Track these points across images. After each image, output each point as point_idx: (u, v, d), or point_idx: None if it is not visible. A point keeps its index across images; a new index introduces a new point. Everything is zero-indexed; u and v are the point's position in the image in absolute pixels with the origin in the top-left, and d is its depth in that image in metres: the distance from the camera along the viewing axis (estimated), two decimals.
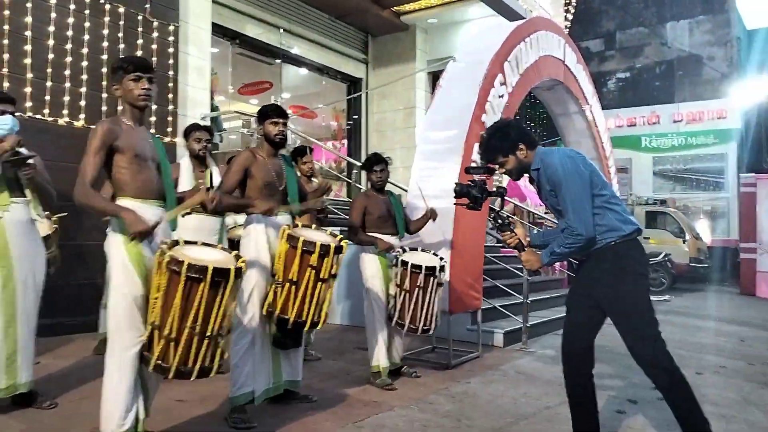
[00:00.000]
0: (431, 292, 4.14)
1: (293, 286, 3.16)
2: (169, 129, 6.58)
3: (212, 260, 2.44)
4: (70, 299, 5.34)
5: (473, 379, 4.51)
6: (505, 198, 3.13)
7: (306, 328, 3.29)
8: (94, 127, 2.65)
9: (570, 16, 11.59)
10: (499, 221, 2.84)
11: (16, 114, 3.38)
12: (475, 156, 5.11)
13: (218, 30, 8.47)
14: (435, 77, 11.49)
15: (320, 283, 3.19)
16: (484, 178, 2.99)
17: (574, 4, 11.87)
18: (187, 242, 2.59)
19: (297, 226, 3.38)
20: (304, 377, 3.76)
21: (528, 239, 2.93)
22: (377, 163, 4.33)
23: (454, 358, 4.96)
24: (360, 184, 10.23)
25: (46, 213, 4.38)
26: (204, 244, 2.70)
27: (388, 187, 4.60)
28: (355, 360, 4.99)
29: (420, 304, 4.11)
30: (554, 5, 10.99)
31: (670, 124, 17.77)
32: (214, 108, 8.23)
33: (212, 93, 8.25)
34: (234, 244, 5.23)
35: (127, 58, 2.78)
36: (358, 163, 10.56)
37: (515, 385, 4.42)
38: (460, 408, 3.75)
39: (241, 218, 5.11)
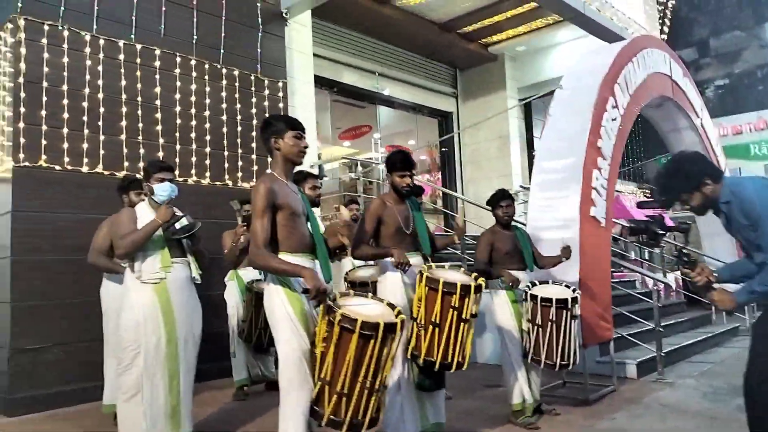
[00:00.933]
0: (566, 325, 4.04)
1: (436, 329, 3.19)
2: None
3: (377, 315, 2.52)
4: (203, 347, 5.61)
5: (617, 414, 4.32)
6: (617, 221, 3.04)
7: (452, 370, 3.29)
8: (255, 185, 2.76)
9: (666, 29, 11.20)
10: (685, 258, 2.73)
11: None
12: (595, 183, 5.01)
13: (317, 80, 8.86)
14: (528, 104, 11.45)
15: (462, 323, 3.21)
16: (660, 212, 2.90)
17: (669, 17, 11.47)
18: (342, 294, 2.68)
19: (431, 266, 3.41)
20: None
21: (714, 275, 2.76)
22: (503, 198, 4.34)
23: (591, 393, 4.79)
24: (455, 212, 10.25)
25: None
26: (356, 294, 2.78)
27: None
28: (487, 398, 4.93)
29: (555, 338, 4.02)
30: (649, 19, 10.68)
31: None
32: (319, 156, 8.56)
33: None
34: (353, 286, 5.37)
35: (286, 116, 2.95)
36: (455, 194, 10.65)
37: (662, 418, 4.20)
38: None
39: (357, 260, 5.27)
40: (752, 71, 19.00)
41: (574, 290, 4.24)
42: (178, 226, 3.44)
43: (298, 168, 3.07)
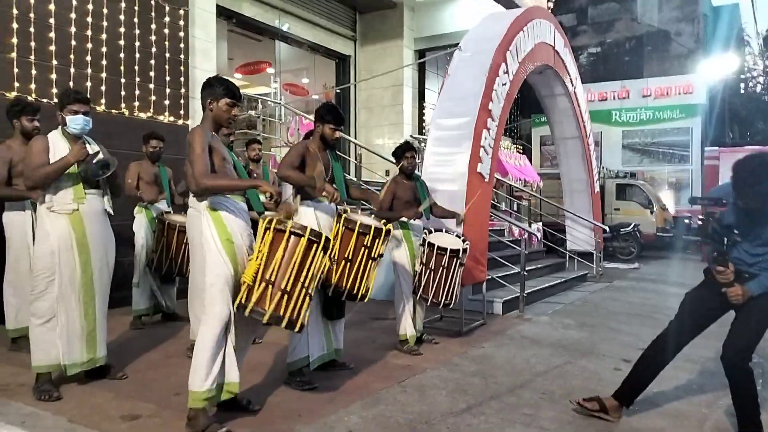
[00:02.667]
0: (454, 271, 4.62)
1: (348, 263, 3.60)
2: (182, 111, 6.84)
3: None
4: None
5: (486, 343, 5.04)
6: (497, 177, 3.33)
7: (356, 301, 3.72)
8: (191, 131, 3.01)
9: None
10: (719, 256, 2.84)
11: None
12: (483, 142, 5.56)
13: (217, 9, 8.61)
14: (421, 55, 11.85)
15: (371, 261, 3.65)
16: (718, 213, 2.91)
17: None
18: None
19: (347, 210, 3.77)
20: None
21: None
22: (408, 149, 4.75)
23: (464, 326, 5.48)
24: (350, 157, 10.59)
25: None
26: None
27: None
28: (375, 329, 5.47)
29: (444, 280, 4.58)
30: None
31: (639, 98, 18.48)
32: None
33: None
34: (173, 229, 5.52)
35: (228, 82, 3.09)
36: (352, 140, 10.95)
37: (523, 347, 4.97)
38: (483, 368, 4.27)
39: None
40: (622, 42, 20.82)
41: (464, 241, 4.81)
42: (94, 161, 3.46)
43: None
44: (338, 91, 11.72)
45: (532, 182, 14.10)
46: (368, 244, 3.60)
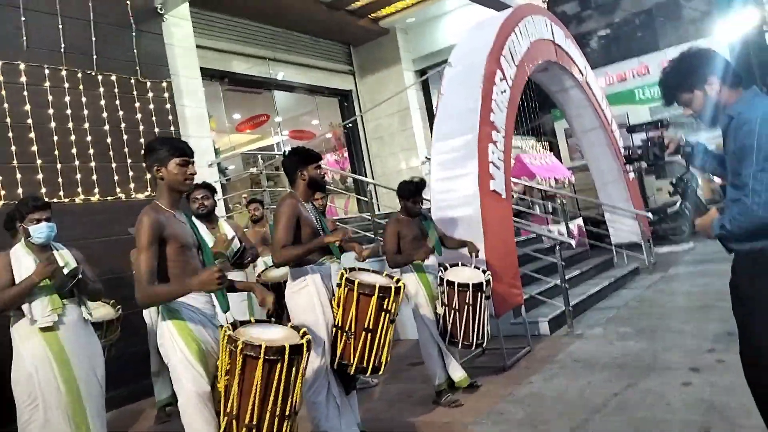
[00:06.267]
0: (480, 306, 4.17)
1: (369, 334, 3.13)
2: None
3: (281, 338, 2.42)
4: (124, 369, 5.37)
5: (534, 377, 4.54)
6: (513, 180, 2.92)
7: (381, 372, 3.27)
8: (138, 218, 2.53)
9: None
10: (680, 189, 2.47)
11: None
12: (491, 157, 5.14)
13: (206, 73, 8.50)
14: (423, 74, 11.54)
15: (391, 324, 3.22)
16: (660, 133, 2.61)
17: None
18: (242, 323, 2.53)
19: (351, 271, 3.35)
20: (367, 407, 3.78)
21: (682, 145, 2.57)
22: (417, 194, 4.31)
23: (508, 357, 5.00)
24: (365, 196, 10.27)
25: (112, 302, 4.47)
26: (257, 321, 2.62)
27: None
28: (412, 378, 5.03)
29: (471, 320, 4.14)
30: None
31: (659, 72, 17.64)
32: (216, 152, 8.28)
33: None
34: (268, 288, 5.30)
35: (172, 140, 2.67)
36: (364, 178, 10.66)
37: (576, 375, 4.45)
38: (532, 413, 3.78)
39: (269, 259, 5.18)
40: (631, 19, 20.08)
41: (484, 271, 4.36)
42: (66, 271, 3.20)
43: (202, 169, 2.71)
44: (346, 128, 11.48)
45: (563, 179, 13.51)
46: (388, 308, 3.14)
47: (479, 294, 4.15)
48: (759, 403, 2.40)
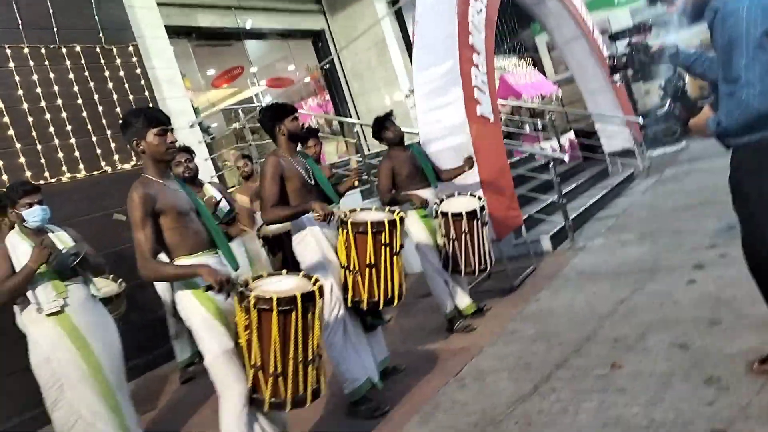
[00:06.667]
0: (478, 233, 4.18)
1: (373, 269, 3.20)
2: None
3: (293, 288, 2.48)
4: (140, 338, 5.45)
5: (541, 294, 4.62)
6: (500, 101, 2.87)
7: (395, 304, 3.33)
8: (128, 195, 2.51)
9: None
10: (669, 90, 2.45)
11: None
12: (475, 81, 5.04)
13: (171, 31, 8.20)
14: (395, 2, 11.15)
15: (395, 257, 3.27)
16: (643, 37, 2.56)
17: None
18: (255, 278, 2.60)
19: (347, 213, 3.37)
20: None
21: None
22: (385, 121, 4.32)
23: (514, 278, 5.07)
24: (353, 138, 10.13)
25: (112, 276, 4.50)
26: (270, 274, 2.70)
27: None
28: (423, 310, 5.11)
29: (471, 247, 4.16)
30: None
31: None
32: (195, 111, 8.09)
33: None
34: (269, 241, 5.31)
35: (145, 111, 2.62)
36: (349, 120, 10.50)
37: (581, 287, 4.52)
38: (543, 328, 3.86)
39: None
40: None
41: (479, 198, 4.35)
42: (63, 252, 3.18)
43: (183, 131, 2.68)
44: (323, 69, 11.20)
45: (549, 94, 13.34)
46: (387, 242, 3.19)
47: (475, 221, 4.15)
48: (764, 291, 2.45)
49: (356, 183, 3.70)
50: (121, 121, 2.67)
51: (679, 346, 3.03)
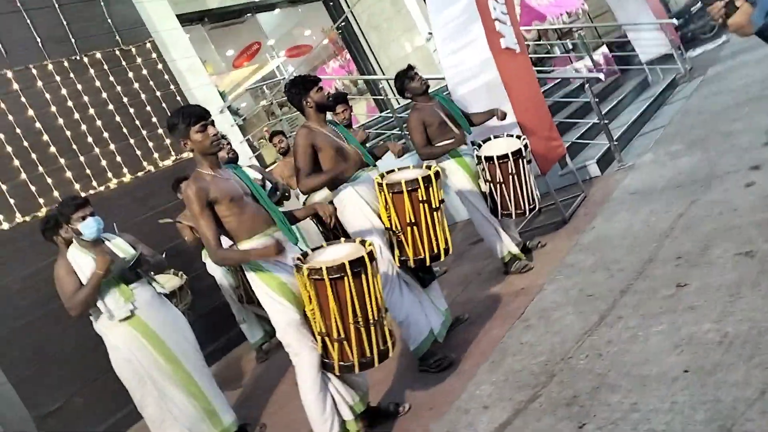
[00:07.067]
0: (524, 173, 4.11)
1: (414, 227, 3.23)
2: None
3: (344, 255, 2.54)
4: (209, 324, 5.65)
5: (595, 221, 4.52)
6: (523, 29, 2.72)
7: (442, 258, 3.36)
8: (183, 192, 2.74)
9: None
10: None
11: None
12: (494, 14, 4.84)
13: (183, 19, 8.20)
14: None
15: (436, 212, 3.28)
16: None
17: None
18: (314, 249, 2.72)
19: (383, 174, 3.38)
20: (444, 295, 3.88)
21: None
22: (407, 72, 4.24)
23: (565, 210, 4.97)
24: (380, 95, 9.99)
25: (172, 270, 4.70)
26: (329, 243, 2.81)
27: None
28: (477, 256, 5.10)
29: (519, 188, 4.10)
30: None
31: None
32: (222, 95, 8.14)
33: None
34: (316, 213, 5.38)
35: (184, 109, 2.76)
36: (373, 77, 10.33)
37: (636, 207, 4.40)
38: (602, 257, 3.80)
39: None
40: None
41: (519, 137, 4.25)
42: (123, 256, 3.32)
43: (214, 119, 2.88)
44: (339, 29, 11.01)
45: (575, 10, 12.74)
46: (424, 198, 3.20)
47: (520, 160, 4.07)
48: None
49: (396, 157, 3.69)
50: (166, 124, 2.82)
51: (745, 254, 2.93)
